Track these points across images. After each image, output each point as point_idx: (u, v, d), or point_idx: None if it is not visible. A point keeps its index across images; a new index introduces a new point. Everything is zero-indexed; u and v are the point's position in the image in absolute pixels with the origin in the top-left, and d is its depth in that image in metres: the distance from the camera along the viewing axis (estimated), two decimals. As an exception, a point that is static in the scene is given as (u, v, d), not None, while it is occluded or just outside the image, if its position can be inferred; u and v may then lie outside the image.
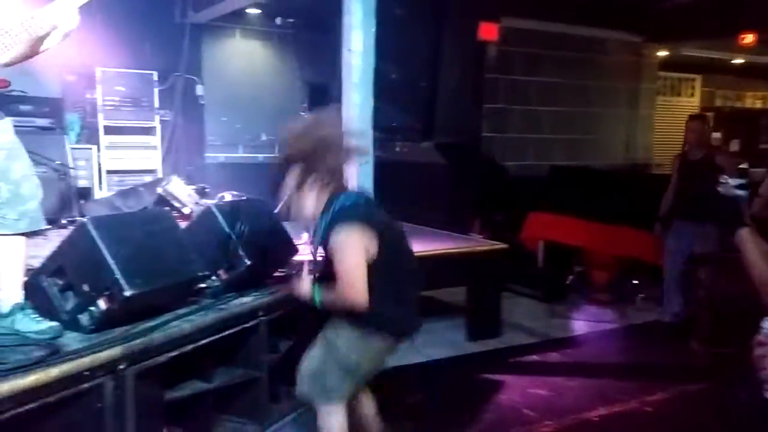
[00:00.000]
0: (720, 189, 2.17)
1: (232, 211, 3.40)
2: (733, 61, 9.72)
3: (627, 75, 8.85)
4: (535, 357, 4.75)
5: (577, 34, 8.16)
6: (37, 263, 2.71)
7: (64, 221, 4.72)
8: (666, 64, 9.42)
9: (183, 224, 3.53)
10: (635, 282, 6.10)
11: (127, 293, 2.44)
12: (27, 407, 2.06)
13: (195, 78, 6.59)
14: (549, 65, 8.13)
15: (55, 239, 3.22)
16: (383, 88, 4.57)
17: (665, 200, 5.23)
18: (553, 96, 8.17)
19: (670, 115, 9.75)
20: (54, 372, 2.15)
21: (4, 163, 2.44)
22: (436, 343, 4.84)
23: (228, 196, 4.96)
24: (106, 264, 2.46)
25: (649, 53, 8.95)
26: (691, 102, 10.39)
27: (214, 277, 3.20)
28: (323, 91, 6.52)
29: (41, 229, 4.19)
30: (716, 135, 4.72)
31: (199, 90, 6.63)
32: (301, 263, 2.72)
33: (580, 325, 5.51)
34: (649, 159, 9.11)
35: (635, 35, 8.64)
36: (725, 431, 3.11)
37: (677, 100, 10.16)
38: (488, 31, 6.73)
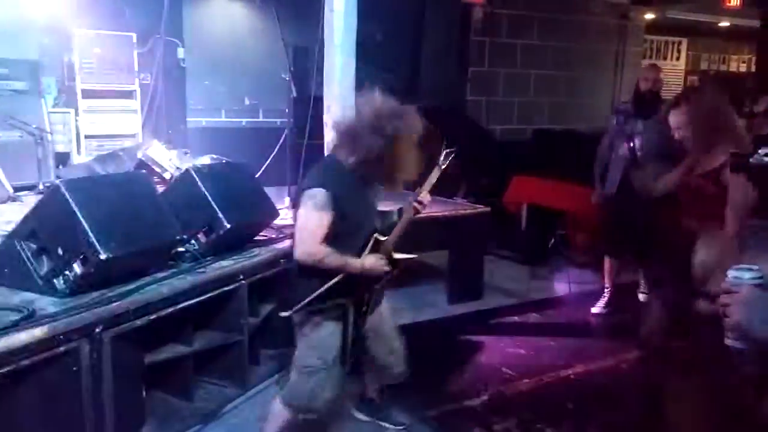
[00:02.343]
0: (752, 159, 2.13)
1: (211, 174, 3.38)
2: (719, 24, 9.67)
3: (613, 38, 8.78)
4: (515, 318, 4.81)
5: (564, -5, 8.07)
6: (12, 228, 2.69)
7: (41, 186, 4.67)
8: (652, 27, 9.35)
9: (163, 189, 3.51)
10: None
11: (103, 256, 2.44)
12: (2, 370, 2.07)
13: (176, 41, 6.44)
14: (535, 27, 8.05)
15: (32, 205, 3.19)
16: (366, 50, 4.51)
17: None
18: (538, 59, 8.11)
19: (656, 79, 9.70)
20: (28, 336, 2.15)
21: None
22: (418, 305, 4.88)
23: (208, 160, 4.92)
24: (80, 227, 2.45)
25: (635, 16, 8.87)
26: (676, 66, 10.37)
27: (193, 241, 3.19)
28: (306, 54, 6.43)
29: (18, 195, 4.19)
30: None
31: (180, 53, 6.49)
32: None
33: (560, 287, 5.57)
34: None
35: (622, -3, 8.56)
36: (693, 381, 3.18)
37: (663, 64, 10.12)
38: (474, -8, 6.64)
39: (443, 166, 2.70)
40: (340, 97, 4.14)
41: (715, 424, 3.11)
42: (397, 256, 2.62)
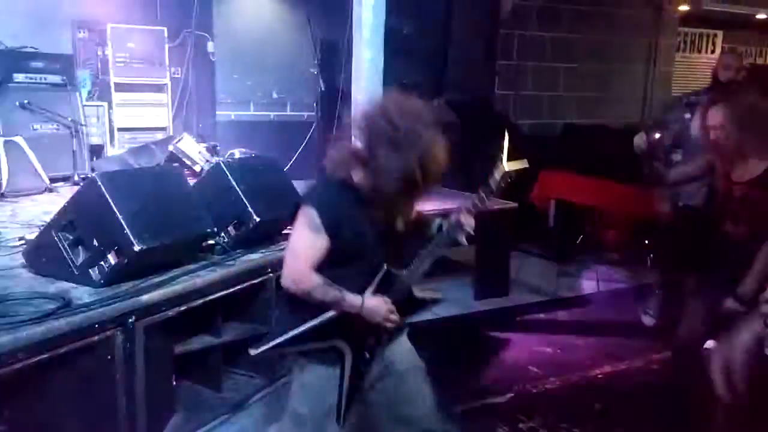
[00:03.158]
0: None
1: (241, 168, 3.42)
2: (756, 16, 9.43)
3: (646, 30, 8.62)
4: (542, 316, 4.78)
5: (596, -13, 7.96)
6: (50, 218, 2.76)
7: (76, 178, 4.77)
8: (687, 19, 9.16)
9: (193, 181, 3.56)
10: (647, 242, 6.07)
11: (136, 248, 2.48)
12: (39, 358, 2.13)
13: (206, 35, 6.51)
14: (565, 20, 7.94)
15: (67, 196, 3.27)
16: (394, 44, 4.51)
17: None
18: (568, 52, 8.01)
19: (690, 72, 9.54)
20: (64, 324, 2.21)
21: None
22: (444, 301, 4.88)
23: (237, 154, 4.98)
24: (115, 219, 2.50)
25: (669, 7, 8.70)
26: (711, 59, 10.13)
27: (223, 234, 3.23)
28: (335, 48, 6.45)
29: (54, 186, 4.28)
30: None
31: (210, 47, 6.55)
32: None
33: (588, 285, 5.51)
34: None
35: (656, -11, 8.41)
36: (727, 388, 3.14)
37: (697, 57, 9.92)
38: (503, -16, 6.58)
39: (502, 184, 2.11)
40: (368, 91, 4.14)
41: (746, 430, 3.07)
42: (421, 294, 2.18)
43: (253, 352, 2.10)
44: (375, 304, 2.05)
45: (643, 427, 3.12)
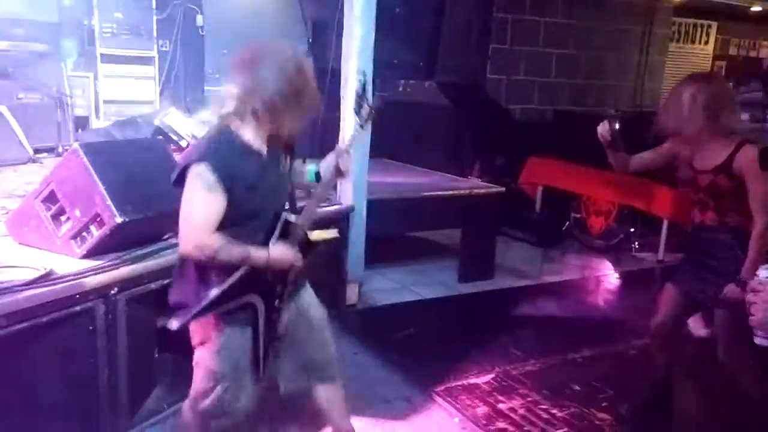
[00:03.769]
0: None
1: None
2: (751, 9, 9.44)
3: (639, 18, 8.61)
4: (525, 299, 4.81)
5: (591, -27, 7.91)
6: (32, 189, 2.73)
7: (60, 149, 4.70)
8: (681, 9, 9.15)
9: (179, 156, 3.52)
10: (631, 229, 6.12)
11: (119, 220, 2.46)
12: (19, 326, 2.12)
13: (195, 8, 6.42)
14: (560, 5, 7.90)
15: (51, 167, 3.23)
16: (386, 23, 4.46)
17: None
18: (561, 38, 7.98)
19: (682, 63, 9.54)
20: (45, 294, 2.19)
21: None
22: (429, 283, 4.90)
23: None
24: (97, 190, 2.47)
25: (664, -4, 8.69)
26: (704, 50, 10.15)
27: (207, 208, 3.20)
28: (325, 25, 6.37)
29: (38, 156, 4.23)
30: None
31: (200, 20, 6.46)
32: None
33: (573, 270, 5.55)
34: (658, 107, 8.97)
35: (651, -23, 8.38)
36: (712, 374, 3.21)
37: (691, 47, 9.92)
38: (498, -33, 6.52)
39: (367, 122, 2.33)
40: (358, 70, 4.11)
41: (722, 412, 3.13)
42: (315, 236, 2.19)
43: (172, 325, 2.04)
44: (281, 252, 2.05)
45: (621, 409, 3.16)
